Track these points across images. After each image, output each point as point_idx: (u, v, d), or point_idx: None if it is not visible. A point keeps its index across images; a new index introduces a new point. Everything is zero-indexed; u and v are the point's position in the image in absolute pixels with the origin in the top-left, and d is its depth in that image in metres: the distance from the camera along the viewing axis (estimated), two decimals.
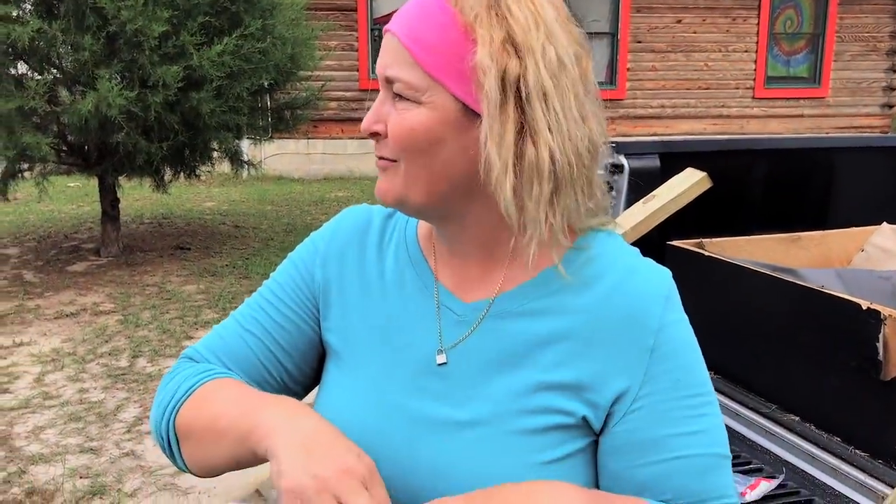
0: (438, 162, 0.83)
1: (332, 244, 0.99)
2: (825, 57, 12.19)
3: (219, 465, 0.88)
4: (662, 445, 0.82)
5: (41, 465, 3.47)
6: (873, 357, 1.65)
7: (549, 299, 0.86)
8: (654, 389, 0.83)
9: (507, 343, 0.86)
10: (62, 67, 5.98)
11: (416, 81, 0.81)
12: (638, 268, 0.88)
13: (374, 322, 0.93)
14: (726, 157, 2.57)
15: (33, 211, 8.80)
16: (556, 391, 0.83)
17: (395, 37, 0.83)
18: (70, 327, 5.21)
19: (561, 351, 0.84)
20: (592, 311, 0.84)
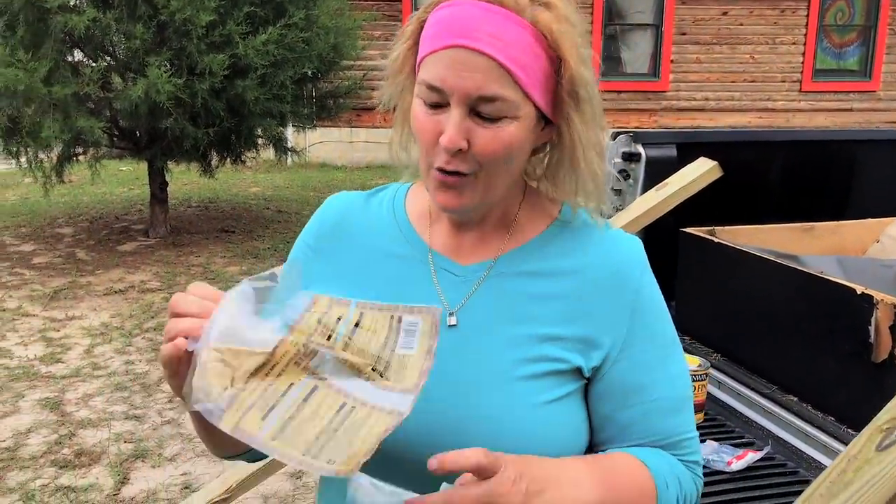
0: (514, 167, 0.92)
1: (321, 236, 1.06)
2: (877, 49, 11.93)
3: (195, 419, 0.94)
4: (642, 390, 0.95)
5: (89, 430, 3.69)
6: (866, 340, 1.72)
7: (543, 263, 0.97)
8: (635, 341, 0.95)
9: (508, 301, 0.95)
10: (115, 55, 6.23)
11: (516, 100, 0.86)
12: (616, 237, 1.00)
13: (380, 290, 1.00)
14: (743, 147, 2.63)
15: (86, 193, 9.15)
16: (553, 342, 0.93)
17: (488, 57, 0.84)
18: (118, 303, 5.47)
19: (556, 308, 0.94)
20: (581, 275, 0.96)
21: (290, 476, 3.26)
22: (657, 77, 11.61)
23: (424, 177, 0.94)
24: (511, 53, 0.84)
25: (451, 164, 0.88)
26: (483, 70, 0.84)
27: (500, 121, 0.87)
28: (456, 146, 0.86)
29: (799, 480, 1.64)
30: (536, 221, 1.00)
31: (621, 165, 2.57)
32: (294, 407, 0.75)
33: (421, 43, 0.91)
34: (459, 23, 0.85)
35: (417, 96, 0.90)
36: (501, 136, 0.87)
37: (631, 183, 2.56)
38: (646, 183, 2.50)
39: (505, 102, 0.86)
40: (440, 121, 0.88)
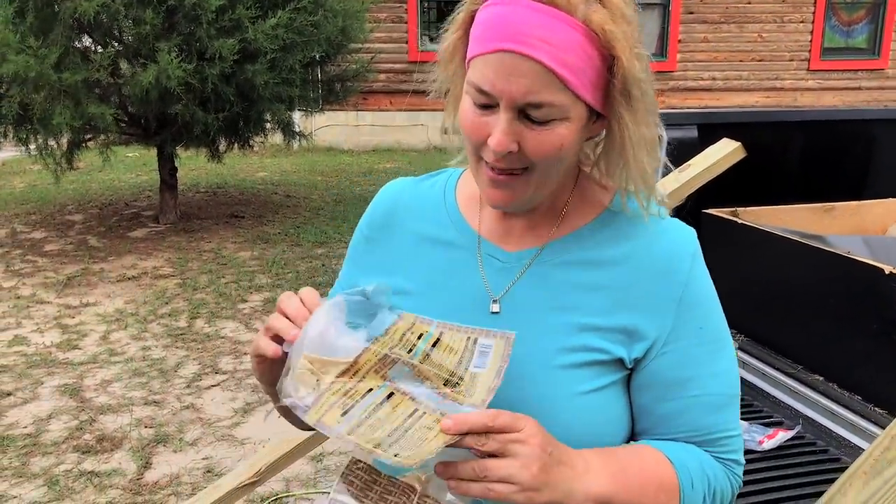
0: (567, 163, 0.92)
1: (373, 226, 1.10)
2: (885, 27, 11.84)
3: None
4: (685, 385, 0.93)
5: (109, 415, 3.72)
6: (894, 319, 1.73)
7: (590, 252, 0.96)
8: (681, 335, 0.93)
9: (552, 289, 0.95)
10: (124, 41, 6.22)
11: (565, 103, 0.85)
12: (668, 227, 0.98)
13: (426, 277, 1.02)
14: (763, 128, 2.63)
15: (95, 179, 9.16)
16: (595, 332, 0.93)
17: (537, 62, 0.83)
18: (132, 290, 5.49)
19: (599, 298, 0.94)
20: (626, 265, 0.94)
21: (311, 459, 3.29)
22: (664, 57, 11.54)
23: (474, 170, 0.94)
24: (561, 57, 0.83)
25: (501, 163, 0.88)
26: (531, 75, 0.83)
27: (549, 123, 0.86)
28: (505, 150, 0.86)
29: (830, 459, 1.66)
30: (586, 210, 0.99)
31: None
32: (371, 408, 0.82)
33: (470, 39, 0.90)
34: (508, 25, 0.84)
35: (466, 93, 0.90)
36: (551, 139, 0.86)
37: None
38: (667, 165, 2.49)
39: (553, 107, 0.85)
40: (489, 122, 0.87)
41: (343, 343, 0.86)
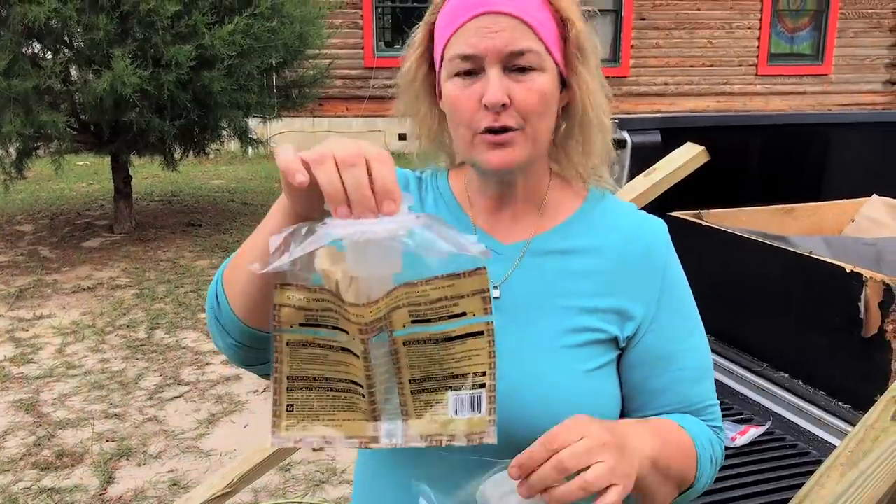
0: (551, 121, 0.98)
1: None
2: (828, 34, 12.22)
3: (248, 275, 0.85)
4: (671, 358, 1.02)
5: (69, 430, 3.63)
6: (855, 316, 1.79)
7: (579, 239, 1.03)
8: (663, 314, 1.02)
9: (547, 277, 1.01)
10: (76, 47, 6.09)
11: (541, 52, 0.94)
12: (644, 218, 1.07)
13: None
14: (725, 132, 2.69)
15: (45, 189, 8.94)
16: (591, 314, 0.99)
17: (513, 17, 0.92)
18: (88, 301, 5.37)
19: (592, 282, 1.01)
20: (613, 251, 1.02)
21: (280, 469, 3.26)
22: (618, 63, 11.73)
23: (468, 150, 0.97)
24: (528, 12, 0.93)
25: (500, 121, 0.93)
26: (509, 28, 0.92)
27: (531, 72, 0.93)
28: (501, 101, 0.91)
29: (799, 453, 1.71)
30: (567, 202, 1.06)
31: None
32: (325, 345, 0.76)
33: (437, 36, 0.98)
34: (460, 7, 0.94)
35: (448, 77, 0.95)
36: (535, 87, 0.94)
37: (617, 169, 2.60)
38: (632, 169, 2.54)
39: (533, 53, 0.93)
40: (476, 88, 0.93)
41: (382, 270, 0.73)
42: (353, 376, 0.76)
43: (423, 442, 0.77)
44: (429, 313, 0.75)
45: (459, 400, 0.77)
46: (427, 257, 0.73)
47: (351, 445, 0.78)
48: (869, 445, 1.11)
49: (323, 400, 0.77)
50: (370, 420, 0.77)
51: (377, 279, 0.74)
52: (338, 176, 0.73)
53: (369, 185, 0.73)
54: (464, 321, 0.76)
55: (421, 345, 0.76)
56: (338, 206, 0.73)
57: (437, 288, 0.75)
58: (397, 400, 0.77)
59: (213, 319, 0.95)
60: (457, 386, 0.77)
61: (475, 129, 0.94)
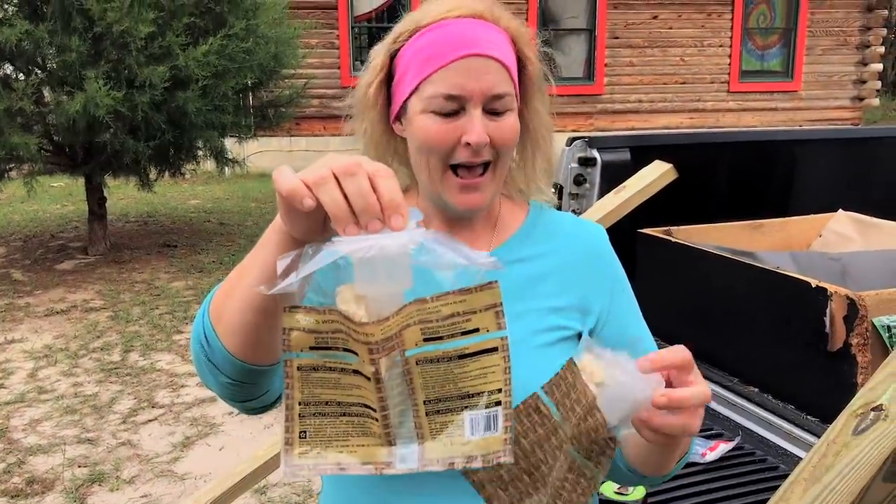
0: (513, 153, 1.06)
1: None
2: (797, 51, 12.44)
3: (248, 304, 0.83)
4: (633, 343, 1.07)
5: (40, 456, 3.58)
6: (821, 330, 1.81)
7: (533, 248, 1.09)
8: (618, 304, 1.11)
9: (512, 285, 1.01)
10: (48, 68, 6.05)
11: (512, 94, 1.00)
12: (583, 222, 1.17)
13: None
14: (693, 150, 2.73)
15: (17, 211, 8.84)
16: (556, 313, 1.05)
17: (497, 61, 0.97)
18: (61, 324, 5.30)
19: (552, 284, 1.07)
20: (564, 254, 1.10)
21: (255, 492, 3.23)
22: (592, 81, 11.85)
23: (435, 184, 1.01)
24: (505, 55, 0.99)
25: (477, 157, 0.98)
26: (493, 72, 0.97)
27: (505, 113, 0.99)
28: (484, 141, 0.96)
29: (769, 467, 1.73)
30: (514, 217, 1.12)
31: (577, 170, 2.64)
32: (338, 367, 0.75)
33: (406, 67, 0.99)
34: (462, 35, 0.97)
35: (425, 112, 0.97)
36: (509, 126, 1.00)
37: (587, 187, 2.63)
38: (602, 186, 2.57)
39: (510, 97, 0.99)
40: (455, 127, 0.97)
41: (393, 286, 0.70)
42: (366, 399, 0.74)
43: (439, 466, 0.74)
44: (441, 330, 0.73)
45: (475, 420, 0.74)
46: (437, 272, 0.71)
47: (366, 472, 0.75)
48: (831, 460, 1.12)
49: (336, 425, 0.75)
50: (385, 445, 0.75)
51: (387, 296, 0.72)
52: (340, 193, 0.71)
53: (374, 194, 0.71)
54: (477, 337, 0.73)
55: (434, 363, 0.74)
56: (345, 225, 0.71)
57: (449, 304, 0.72)
58: (412, 423, 0.75)
59: (203, 360, 0.91)
60: (472, 405, 0.74)
61: (446, 163, 0.98)
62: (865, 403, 1.20)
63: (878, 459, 1.05)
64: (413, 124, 0.99)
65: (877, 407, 1.10)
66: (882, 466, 1.04)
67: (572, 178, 2.64)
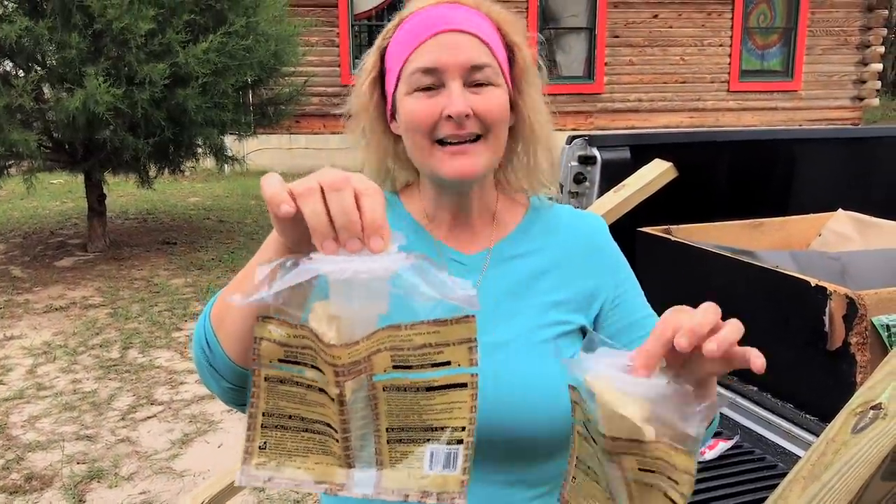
0: (505, 133, 1.04)
1: None
2: (797, 51, 12.44)
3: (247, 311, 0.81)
4: (637, 325, 1.10)
5: (38, 452, 3.58)
6: (820, 329, 1.81)
7: (532, 243, 1.11)
8: (624, 289, 1.12)
9: (511, 280, 1.07)
10: (48, 65, 6.05)
11: (496, 67, 1.00)
12: (582, 214, 1.19)
13: None
14: (693, 148, 2.73)
15: (17, 208, 8.84)
16: (557, 308, 1.06)
17: (473, 36, 0.99)
18: (60, 321, 5.30)
19: (553, 278, 1.08)
20: (563, 247, 1.11)
21: (255, 490, 3.23)
22: (591, 80, 11.85)
23: (425, 160, 1.01)
24: (484, 32, 1.01)
25: (465, 128, 0.98)
26: (469, 44, 0.98)
27: (488, 86, 0.99)
28: (464, 111, 0.96)
29: (767, 466, 1.73)
30: (513, 212, 1.13)
31: (577, 168, 2.64)
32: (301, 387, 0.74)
33: (392, 58, 1.02)
34: (436, 17, 0.99)
35: (408, 93, 0.99)
36: (495, 99, 1.00)
37: (587, 185, 2.63)
38: (602, 185, 2.57)
39: (490, 68, 0.99)
40: (437, 101, 0.98)
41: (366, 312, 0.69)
42: (329, 419, 0.74)
43: (394, 496, 0.73)
44: (412, 359, 0.72)
45: (436, 454, 0.73)
46: (414, 301, 0.70)
47: (320, 490, 0.74)
48: (830, 458, 1.12)
49: (297, 440, 0.74)
50: (343, 466, 0.74)
51: (360, 319, 0.71)
52: (323, 207, 0.69)
53: (357, 213, 0.69)
54: (448, 370, 0.72)
55: (401, 392, 0.72)
56: (323, 240, 0.69)
57: (422, 333, 0.71)
58: (373, 448, 0.74)
59: (205, 364, 0.91)
60: (434, 438, 0.73)
61: (432, 139, 0.99)
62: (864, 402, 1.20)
63: (877, 458, 1.05)
64: (401, 111, 1.01)
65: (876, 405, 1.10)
66: (881, 465, 1.04)
67: (572, 176, 2.64)
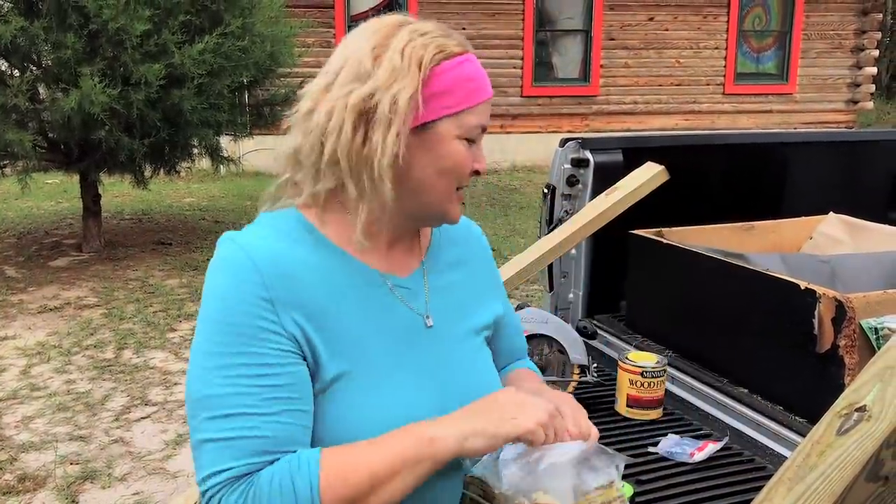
0: None
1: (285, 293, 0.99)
2: (792, 54, 12.47)
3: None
4: (507, 321, 1.29)
5: (32, 453, 3.57)
6: (810, 332, 1.83)
7: (449, 252, 1.19)
8: (507, 304, 1.30)
9: (449, 293, 1.16)
10: (43, 65, 6.04)
11: None
12: (470, 224, 1.27)
13: (356, 325, 1.03)
14: (684, 151, 2.75)
15: (11, 207, 8.82)
16: (483, 310, 1.21)
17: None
18: (54, 321, 5.30)
19: (473, 285, 1.21)
20: (471, 257, 1.23)
21: None
22: (587, 82, 11.86)
23: (443, 202, 1.07)
24: None
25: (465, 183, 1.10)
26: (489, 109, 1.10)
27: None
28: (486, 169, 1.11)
29: (756, 468, 1.74)
30: (425, 230, 1.20)
31: (570, 171, 2.65)
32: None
33: (446, 91, 1.01)
34: (483, 78, 1.06)
35: (459, 136, 1.03)
36: None
37: (580, 188, 2.65)
38: (595, 187, 2.58)
39: None
40: (471, 153, 1.06)
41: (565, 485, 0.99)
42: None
43: None
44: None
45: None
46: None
47: None
48: (815, 460, 1.13)
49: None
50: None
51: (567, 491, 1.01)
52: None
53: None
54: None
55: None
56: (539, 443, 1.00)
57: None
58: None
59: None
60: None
61: (457, 185, 1.07)
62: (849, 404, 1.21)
63: (862, 459, 1.06)
64: (444, 146, 1.02)
65: (860, 407, 1.11)
66: (865, 466, 1.05)
67: (565, 179, 2.65)
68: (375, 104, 0.98)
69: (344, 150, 1.00)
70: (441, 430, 0.96)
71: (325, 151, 1.01)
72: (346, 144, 1.00)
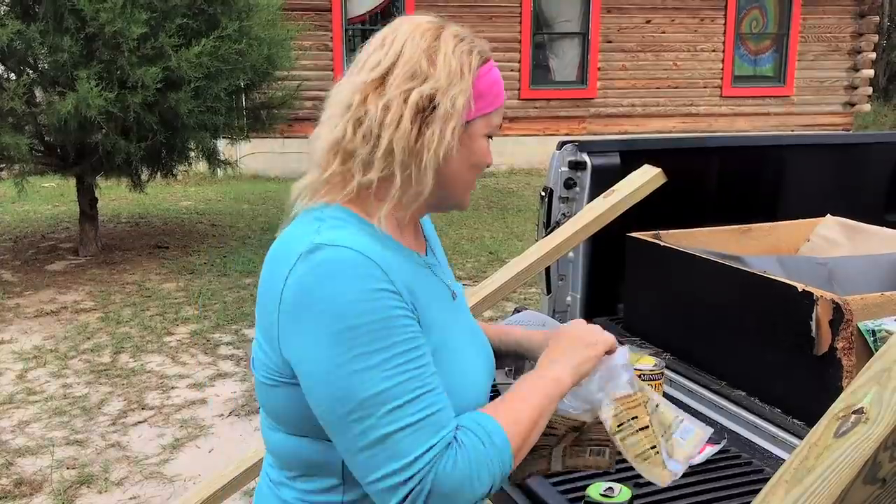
0: None
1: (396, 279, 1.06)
2: (789, 56, 12.50)
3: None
4: None
5: (28, 458, 3.56)
6: (807, 334, 1.82)
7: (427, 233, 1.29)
8: None
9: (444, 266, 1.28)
10: (40, 68, 6.04)
11: None
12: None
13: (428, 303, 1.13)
14: (682, 154, 2.75)
15: (8, 211, 8.81)
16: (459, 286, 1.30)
17: None
18: (51, 325, 5.29)
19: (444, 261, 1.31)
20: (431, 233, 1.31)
21: (245, 494, 3.22)
22: (585, 84, 11.88)
23: (462, 193, 1.18)
24: None
25: None
26: None
27: None
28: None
29: (754, 470, 1.73)
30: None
31: (568, 174, 2.65)
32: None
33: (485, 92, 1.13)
34: (502, 81, 1.17)
35: (486, 134, 1.15)
36: None
37: (578, 191, 2.64)
38: (592, 190, 2.58)
39: None
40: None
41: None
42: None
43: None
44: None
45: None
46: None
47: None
48: (812, 462, 1.13)
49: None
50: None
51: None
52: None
53: None
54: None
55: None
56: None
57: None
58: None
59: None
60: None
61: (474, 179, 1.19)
62: (847, 406, 1.21)
63: (859, 461, 1.06)
64: (475, 143, 1.14)
65: (858, 410, 1.10)
66: (862, 468, 1.05)
67: (562, 181, 2.65)
68: (434, 103, 1.08)
69: (400, 142, 1.07)
70: (559, 370, 1.14)
71: (381, 143, 1.08)
72: (403, 137, 1.07)
